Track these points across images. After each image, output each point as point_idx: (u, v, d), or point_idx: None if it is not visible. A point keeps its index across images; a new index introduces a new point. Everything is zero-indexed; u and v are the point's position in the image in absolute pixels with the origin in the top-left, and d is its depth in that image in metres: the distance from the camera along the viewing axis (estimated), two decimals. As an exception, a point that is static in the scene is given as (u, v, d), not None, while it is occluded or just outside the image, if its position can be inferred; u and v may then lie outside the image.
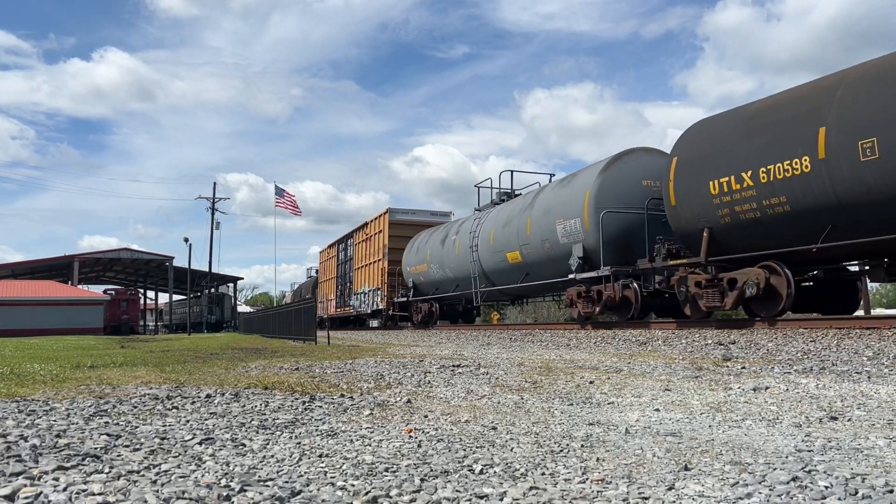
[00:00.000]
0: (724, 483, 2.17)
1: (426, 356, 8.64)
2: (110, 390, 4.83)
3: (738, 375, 5.48)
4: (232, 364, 7.86)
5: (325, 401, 4.17)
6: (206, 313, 55.36)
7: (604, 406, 3.95)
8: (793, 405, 3.85)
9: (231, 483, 2.15)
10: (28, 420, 3.38)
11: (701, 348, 8.69)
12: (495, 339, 13.88)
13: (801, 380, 5.08)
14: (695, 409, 3.79)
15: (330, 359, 8.39)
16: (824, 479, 2.18)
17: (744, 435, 3.01)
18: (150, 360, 8.94)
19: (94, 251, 52.54)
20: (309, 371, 6.55)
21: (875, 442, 2.81)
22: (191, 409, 3.88)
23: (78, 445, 2.73)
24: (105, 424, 3.29)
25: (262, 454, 2.65)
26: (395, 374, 5.98)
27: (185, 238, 78.92)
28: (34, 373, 6.67)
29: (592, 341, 11.12)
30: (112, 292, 50.15)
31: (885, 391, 4.34)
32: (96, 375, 6.27)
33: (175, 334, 46.91)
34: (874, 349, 6.96)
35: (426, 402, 4.19)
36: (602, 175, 13.68)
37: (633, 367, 6.39)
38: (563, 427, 3.25)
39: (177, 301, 65.91)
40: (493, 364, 6.96)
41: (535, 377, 5.54)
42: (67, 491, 2.03)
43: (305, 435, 3.06)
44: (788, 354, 7.32)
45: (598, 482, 2.21)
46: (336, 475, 2.30)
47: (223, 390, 4.68)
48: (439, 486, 2.15)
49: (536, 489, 2.12)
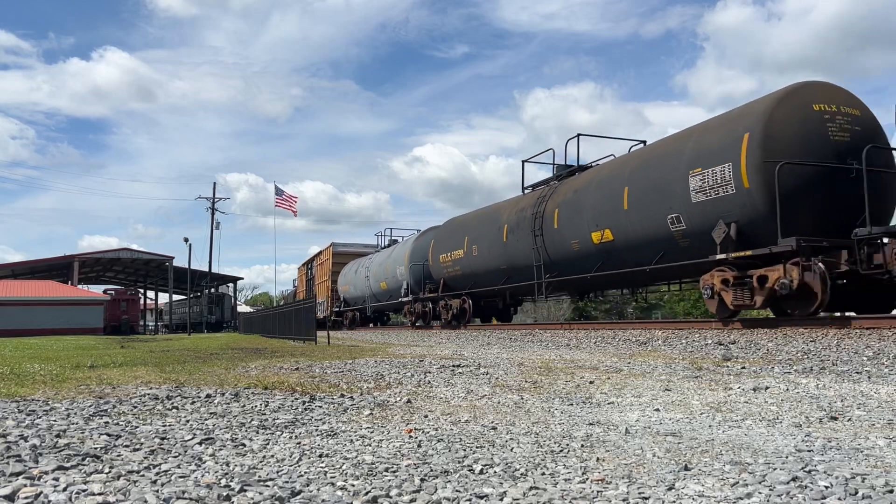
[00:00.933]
0: (724, 483, 2.17)
1: (426, 356, 8.64)
2: (110, 390, 4.83)
3: (738, 375, 5.48)
4: (232, 364, 7.86)
5: (325, 401, 4.17)
6: (206, 313, 55.38)
7: (604, 406, 3.95)
8: (793, 405, 3.85)
9: (231, 483, 2.15)
10: (28, 420, 3.38)
11: (701, 348, 8.69)
12: (495, 339, 13.88)
13: (801, 380, 5.08)
14: (695, 409, 3.79)
15: (330, 359, 8.39)
16: (824, 479, 2.18)
17: (744, 435, 3.01)
18: (149, 360, 8.94)
19: (94, 251, 52.60)
20: (309, 371, 6.55)
21: (875, 442, 2.81)
22: (191, 409, 3.88)
23: (78, 445, 2.73)
24: (105, 424, 3.29)
25: (262, 454, 2.65)
26: (395, 374, 5.98)
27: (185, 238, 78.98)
28: (34, 373, 6.67)
29: (592, 341, 11.12)
30: (112, 292, 50.16)
31: (885, 391, 4.34)
32: (96, 375, 6.27)
33: (175, 334, 46.92)
34: (874, 349, 6.96)
35: (426, 402, 4.19)
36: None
37: (633, 367, 6.39)
38: (563, 427, 3.25)
39: (177, 301, 65.89)
40: (493, 364, 6.97)
41: (535, 377, 5.54)
42: (67, 491, 2.03)
43: (305, 435, 3.06)
44: (788, 354, 7.32)
45: (598, 482, 2.21)
46: (336, 475, 2.31)
47: (223, 390, 4.68)
48: (439, 486, 2.15)
49: (536, 489, 2.12)
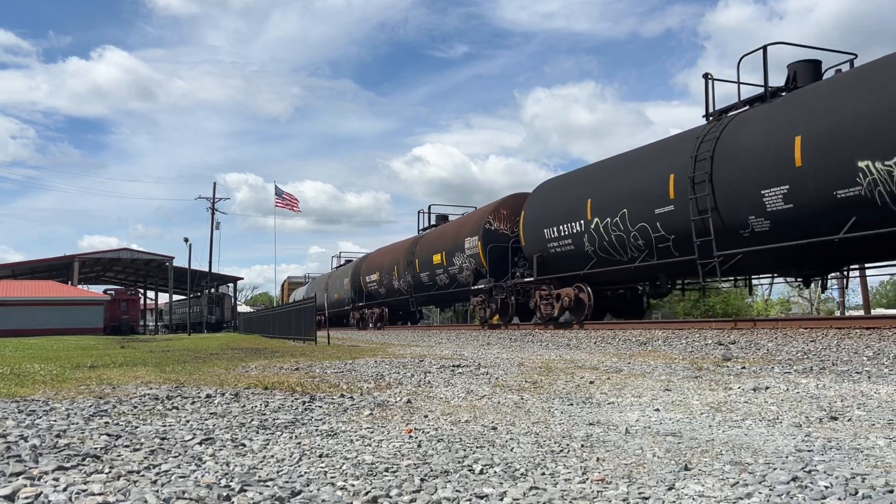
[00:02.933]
0: (724, 483, 2.17)
1: (426, 356, 8.64)
2: (110, 390, 4.83)
3: (738, 375, 5.48)
4: (232, 364, 7.86)
5: (325, 401, 4.17)
6: (206, 313, 55.34)
7: (604, 406, 3.95)
8: (793, 405, 3.85)
9: (231, 483, 2.15)
10: (28, 420, 3.38)
11: (701, 348, 8.69)
12: (495, 339, 13.87)
13: (801, 380, 5.08)
14: (695, 409, 3.79)
15: (330, 359, 8.39)
16: (824, 479, 2.17)
17: (744, 435, 3.01)
18: (150, 361, 8.94)
19: (94, 251, 52.59)
20: (309, 371, 6.55)
21: (875, 442, 2.81)
22: (191, 409, 3.88)
23: (78, 445, 2.73)
24: (105, 424, 3.29)
25: (262, 454, 2.65)
26: (395, 374, 5.98)
27: (185, 238, 78.85)
28: (34, 373, 6.67)
29: (592, 341, 11.12)
30: (112, 292, 50.14)
31: (885, 391, 4.34)
32: (96, 375, 6.27)
33: (175, 334, 46.90)
34: (874, 349, 6.96)
35: (426, 402, 4.19)
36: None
37: (633, 367, 6.39)
38: (563, 427, 3.25)
39: (177, 301, 65.84)
40: (493, 364, 6.96)
41: (535, 377, 5.54)
42: (67, 491, 2.03)
43: (305, 435, 3.06)
44: (788, 354, 7.32)
45: (599, 482, 2.21)
46: (336, 475, 2.30)
47: (223, 390, 4.68)
48: (439, 486, 2.15)
49: (536, 489, 2.12)
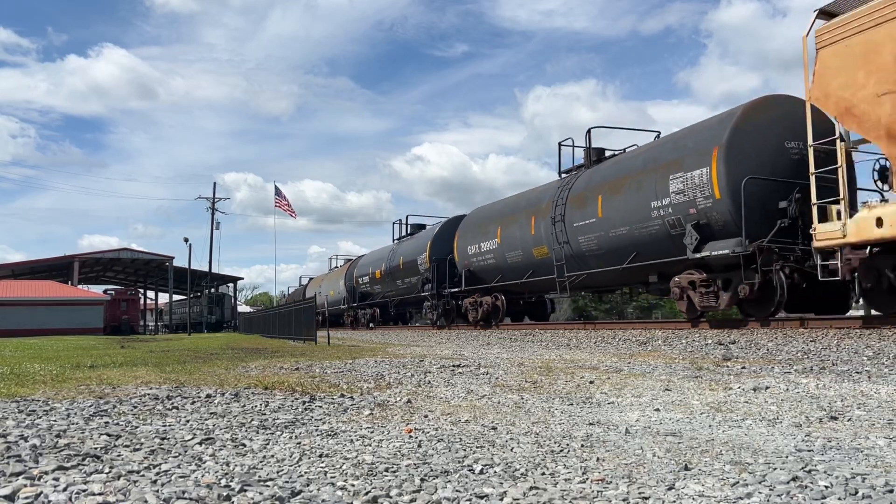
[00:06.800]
0: (724, 483, 2.17)
1: (426, 356, 8.64)
2: (110, 390, 4.83)
3: (738, 375, 5.48)
4: (232, 364, 7.86)
5: (326, 401, 4.17)
6: (206, 313, 55.35)
7: (604, 406, 3.95)
8: (793, 405, 3.85)
9: (231, 483, 2.15)
10: (28, 420, 3.38)
11: (701, 348, 8.68)
12: (495, 339, 13.88)
13: (801, 380, 5.07)
14: (695, 408, 3.79)
15: (330, 359, 8.39)
16: (824, 479, 2.17)
17: (744, 435, 3.01)
18: (150, 360, 8.94)
19: (94, 251, 52.59)
20: (309, 371, 6.55)
21: (875, 442, 2.81)
22: (191, 409, 3.88)
23: (78, 445, 2.73)
24: (105, 424, 3.29)
25: (263, 454, 2.65)
26: (395, 374, 5.98)
27: (185, 238, 78.94)
28: (34, 373, 6.67)
29: (592, 341, 11.12)
30: (112, 292, 50.20)
31: (885, 391, 4.34)
32: (96, 375, 6.27)
33: (175, 334, 46.92)
34: (874, 349, 6.96)
35: (426, 402, 4.19)
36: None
37: (633, 367, 6.39)
38: (563, 427, 3.25)
39: (177, 301, 65.88)
40: (493, 364, 6.96)
41: (535, 377, 5.54)
42: (67, 491, 2.03)
43: (305, 435, 3.06)
44: (788, 354, 7.32)
45: (599, 482, 2.20)
46: (336, 475, 2.30)
47: (223, 390, 4.68)
48: (439, 486, 2.15)
49: (536, 489, 2.12)
